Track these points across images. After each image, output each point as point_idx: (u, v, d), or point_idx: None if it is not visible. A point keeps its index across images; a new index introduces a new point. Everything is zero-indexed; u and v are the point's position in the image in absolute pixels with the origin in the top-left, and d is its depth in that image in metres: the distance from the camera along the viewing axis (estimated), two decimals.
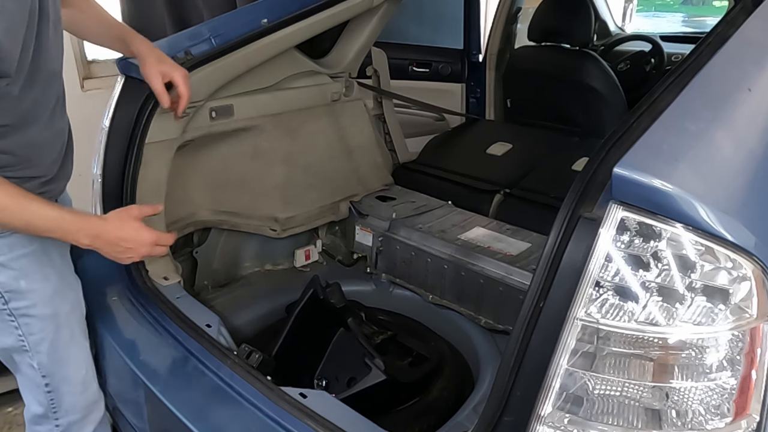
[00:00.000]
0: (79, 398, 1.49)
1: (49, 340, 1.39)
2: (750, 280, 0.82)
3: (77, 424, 1.51)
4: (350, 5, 1.99)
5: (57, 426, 1.49)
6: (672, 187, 0.79)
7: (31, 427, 1.53)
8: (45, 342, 1.39)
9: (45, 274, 1.36)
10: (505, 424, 0.93)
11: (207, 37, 1.75)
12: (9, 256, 1.30)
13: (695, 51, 1.08)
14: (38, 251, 1.34)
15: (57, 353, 1.41)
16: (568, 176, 1.19)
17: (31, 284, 1.34)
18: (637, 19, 5.63)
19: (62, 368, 1.44)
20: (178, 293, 1.60)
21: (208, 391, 1.30)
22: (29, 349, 1.39)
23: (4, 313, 1.34)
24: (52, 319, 1.39)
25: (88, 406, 1.51)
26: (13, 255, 1.30)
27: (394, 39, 3.03)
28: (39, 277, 1.35)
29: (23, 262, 1.32)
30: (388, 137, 2.58)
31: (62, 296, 1.41)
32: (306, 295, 1.67)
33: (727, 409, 0.85)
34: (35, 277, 1.34)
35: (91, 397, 1.52)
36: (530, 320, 0.90)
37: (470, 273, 1.81)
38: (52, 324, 1.39)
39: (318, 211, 2.17)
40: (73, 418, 1.49)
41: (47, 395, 1.45)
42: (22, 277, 1.32)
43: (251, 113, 1.95)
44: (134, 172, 1.62)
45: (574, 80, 2.84)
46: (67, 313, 1.42)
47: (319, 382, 1.62)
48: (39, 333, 1.38)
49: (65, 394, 1.46)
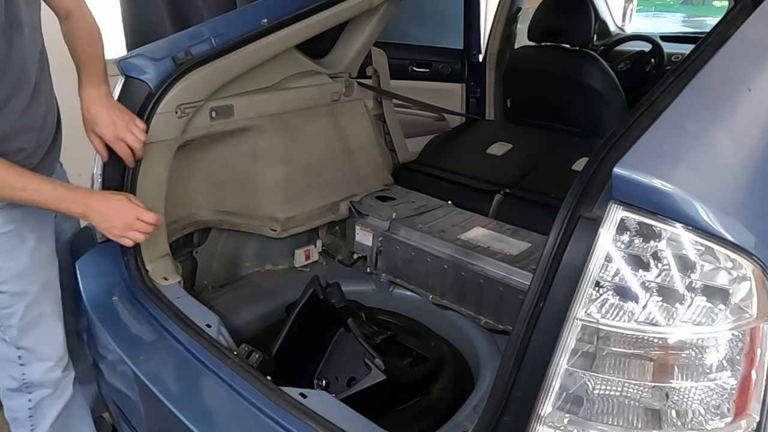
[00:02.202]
0: (49, 373, 1.58)
1: (19, 315, 1.49)
2: (750, 280, 0.82)
3: (48, 399, 1.60)
4: (350, 5, 1.99)
5: (30, 401, 1.59)
6: (672, 187, 0.79)
7: (6, 403, 1.63)
8: (15, 316, 1.49)
9: (15, 255, 1.47)
10: (505, 424, 0.93)
11: (207, 37, 1.75)
12: None
13: (695, 51, 1.08)
14: (11, 233, 1.45)
15: (26, 328, 1.51)
16: (568, 176, 1.19)
17: (2, 262, 1.45)
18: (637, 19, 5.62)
19: (32, 342, 1.53)
20: (178, 293, 1.60)
21: (208, 391, 1.30)
22: (0, 324, 1.49)
23: None
24: (22, 296, 1.48)
25: (58, 381, 1.60)
26: None
27: (394, 39, 3.03)
28: (9, 256, 1.46)
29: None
30: (388, 137, 2.58)
31: (31, 277, 1.50)
32: (306, 295, 1.67)
33: (727, 409, 0.85)
34: (6, 256, 1.46)
35: (61, 373, 1.60)
36: (530, 320, 0.90)
37: (470, 273, 1.81)
38: (22, 301, 1.49)
39: (318, 211, 2.17)
40: (44, 393, 1.59)
41: (20, 368, 1.55)
42: None
43: (251, 113, 1.95)
44: (134, 172, 1.62)
45: (574, 80, 2.84)
46: (37, 292, 1.51)
47: (319, 382, 1.63)
48: (8, 308, 1.48)
49: (36, 368, 1.56)
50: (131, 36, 3.05)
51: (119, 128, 1.53)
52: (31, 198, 1.37)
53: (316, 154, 2.16)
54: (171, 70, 1.66)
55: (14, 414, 1.62)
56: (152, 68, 1.65)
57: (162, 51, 1.69)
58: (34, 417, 1.61)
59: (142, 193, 1.63)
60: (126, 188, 1.61)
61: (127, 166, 1.60)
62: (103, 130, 1.53)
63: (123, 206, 1.45)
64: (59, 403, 1.62)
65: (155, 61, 1.66)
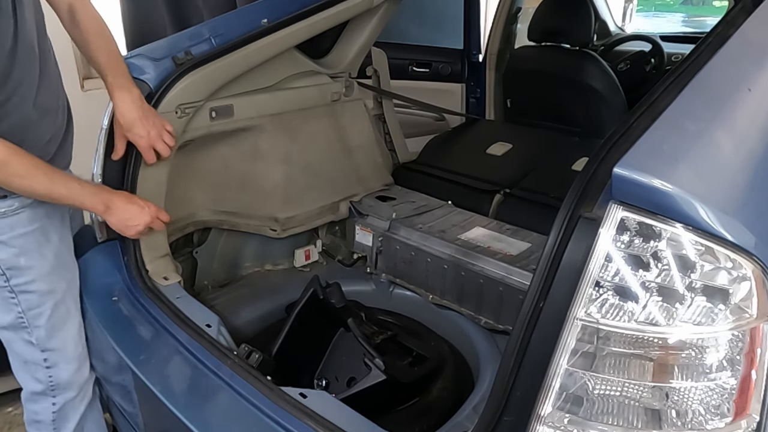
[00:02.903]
0: (76, 375, 1.57)
1: (47, 315, 1.48)
2: (750, 280, 0.82)
3: (72, 402, 1.59)
4: (350, 5, 1.99)
5: (54, 404, 1.57)
6: (672, 187, 0.79)
7: (29, 407, 1.60)
8: (43, 317, 1.47)
9: (42, 253, 1.45)
10: (505, 424, 0.93)
11: (207, 37, 1.75)
12: (9, 235, 1.39)
13: (695, 51, 1.08)
14: (37, 231, 1.43)
15: (54, 328, 1.50)
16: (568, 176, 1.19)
17: (30, 261, 1.43)
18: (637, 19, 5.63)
19: (59, 343, 1.52)
20: (178, 293, 1.60)
21: (208, 391, 1.30)
22: (28, 324, 1.47)
23: (5, 290, 1.43)
24: (50, 294, 1.47)
25: (83, 384, 1.60)
26: (14, 234, 1.39)
27: (394, 39, 3.03)
28: (37, 255, 1.45)
29: (22, 240, 1.41)
30: (388, 137, 2.58)
31: (58, 274, 1.50)
32: (306, 295, 1.67)
33: (727, 409, 0.85)
34: (34, 255, 1.44)
35: (86, 375, 1.60)
36: (530, 320, 0.90)
37: (470, 273, 1.81)
38: (50, 300, 1.48)
39: (318, 211, 2.17)
40: (69, 396, 1.58)
41: (46, 371, 1.53)
42: (21, 254, 1.41)
43: (251, 113, 1.95)
44: (134, 172, 1.62)
45: (574, 80, 2.84)
46: (64, 291, 1.51)
47: (319, 382, 1.63)
48: (37, 308, 1.46)
49: (63, 371, 1.55)
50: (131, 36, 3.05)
51: (153, 137, 1.55)
52: (59, 192, 1.36)
53: (316, 154, 2.16)
54: (171, 70, 1.67)
55: (37, 417, 1.60)
56: (152, 68, 1.65)
57: (162, 51, 1.69)
58: (57, 420, 1.59)
59: (142, 192, 1.63)
60: (126, 188, 1.62)
61: (128, 166, 1.61)
62: (137, 138, 1.54)
63: (142, 209, 1.50)
64: (81, 407, 1.61)
65: (155, 61, 1.66)
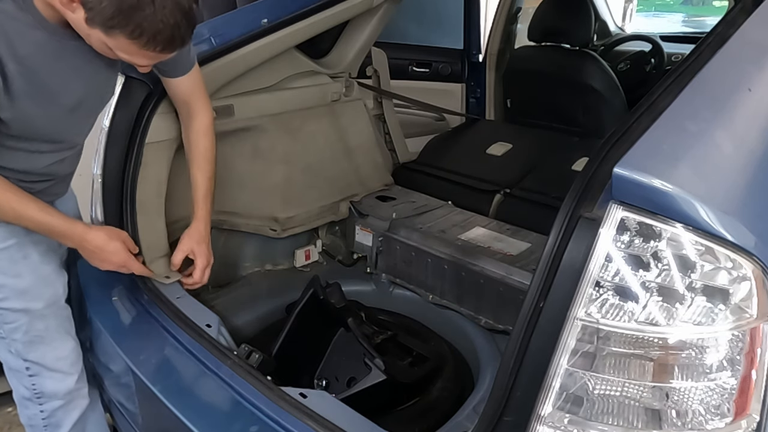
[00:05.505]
0: (60, 385, 1.56)
1: (23, 330, 1.46)
2: (750, 280, 0.82)
3: (62, 410, 1.58)
4: (350, 5, 1.98)
5: (42, 411, 1.57)
6: (672, 187, 0.79)
7: (21, 411, 1.61)
8: (19, 331, 1.46)
9: (17, 272, 1.43)
10: (505, 424, 0.93)
11: (207, 37, 1.75)
12: None
13: (695, 51, 1.08)
14: (12, 248, 1.41)
15: (32, 343, 1.49)
16: (568, 176, 1.19)
17: (4, 279, 1.41)
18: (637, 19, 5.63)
19: (39, 356, 1.50)
20: (178, 293, 1.60)
21: (208, 391, 1.30)
22: (5, 336, 1.47)
23: None
24: (23, 313, 1.45)
25: (70, 393, 1.58)
26: None
27: (394, 39, 3.03)
28: (11, 273, 1.42)
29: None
30: (388, 137, 2.58)
31: (35, 293, 1.46)
32: (306, 295, 1.67)
33: (727, 409, 0.85)
34: (8, 272, 1.42)
35: (74, 385, 1.58)
36: (530, 320, 0.90)
37: (470, 273, 1.81)
38: (25, 317, 1.46)
39: (318, 211, 2.17)
40: (56, 404, 1.57)
41: (29, 379, 1.53)
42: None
43: (251, 113, 1.94)
44: (134, 172, 1.62)
45: (574, 80, 2.84)
46: (41, 309, 1.47)
47: (319, 382, 1.63)
48: (12, 323, 1.45)
49: (46, 380, 1.54)
50: None
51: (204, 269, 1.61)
52: (26, 225, 1.35)
53: (316, 154, 2.16)
54: None
55: (30, 421, 1.60)
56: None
57: None
58: (49, 427, 1.59)
59: (142, 193, 1.63)
60: (126, 188, 1.62)
61: (127, 167, 1.61)
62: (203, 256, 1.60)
63: (117, 251, 1.46)
64: (74, 414, 1.60)
65: None
